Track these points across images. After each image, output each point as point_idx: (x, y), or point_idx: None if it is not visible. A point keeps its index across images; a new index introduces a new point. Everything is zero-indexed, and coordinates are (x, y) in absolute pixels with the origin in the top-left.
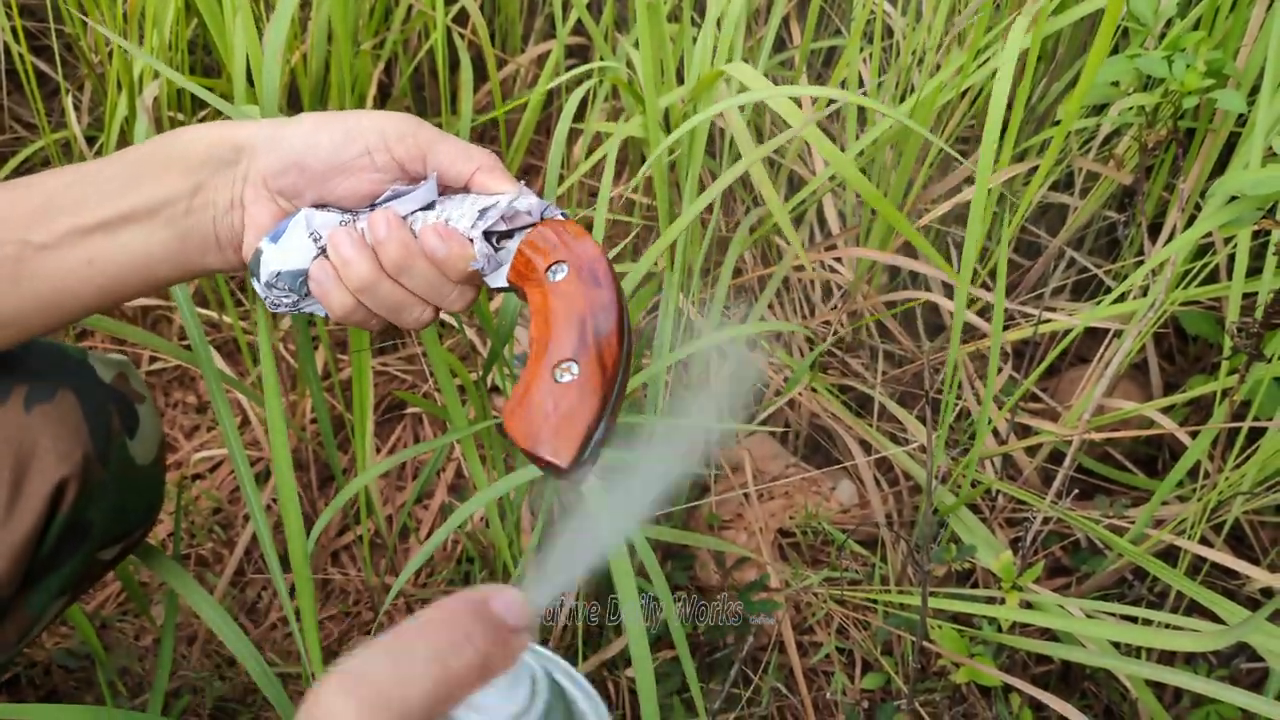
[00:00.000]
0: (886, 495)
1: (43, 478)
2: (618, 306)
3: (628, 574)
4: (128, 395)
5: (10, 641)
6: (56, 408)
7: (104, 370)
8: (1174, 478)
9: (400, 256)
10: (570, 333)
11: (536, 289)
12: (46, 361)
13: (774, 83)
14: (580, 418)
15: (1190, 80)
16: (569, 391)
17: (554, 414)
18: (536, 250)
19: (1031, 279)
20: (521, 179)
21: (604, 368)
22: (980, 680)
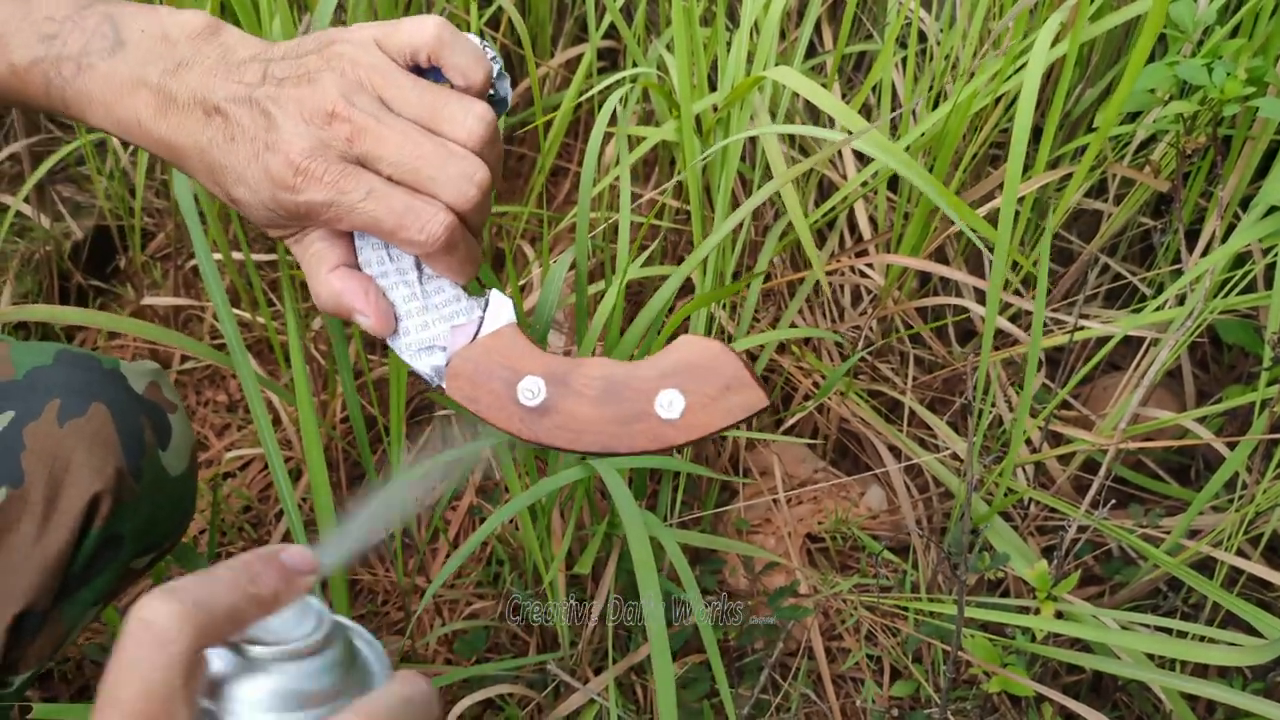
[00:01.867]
0: (916, 501)
1: (76, 493)
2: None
3: (651, 571)
4: (160, 404)
5: (45, 654)
6: (89, 422)
7: (136, 380)
8: (1211, 489)
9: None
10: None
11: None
12: (79, 374)
13: None
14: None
15: (1231, 88)
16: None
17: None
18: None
19: (1065, 285)
20: (549, 181)
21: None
22: (1012, 690)
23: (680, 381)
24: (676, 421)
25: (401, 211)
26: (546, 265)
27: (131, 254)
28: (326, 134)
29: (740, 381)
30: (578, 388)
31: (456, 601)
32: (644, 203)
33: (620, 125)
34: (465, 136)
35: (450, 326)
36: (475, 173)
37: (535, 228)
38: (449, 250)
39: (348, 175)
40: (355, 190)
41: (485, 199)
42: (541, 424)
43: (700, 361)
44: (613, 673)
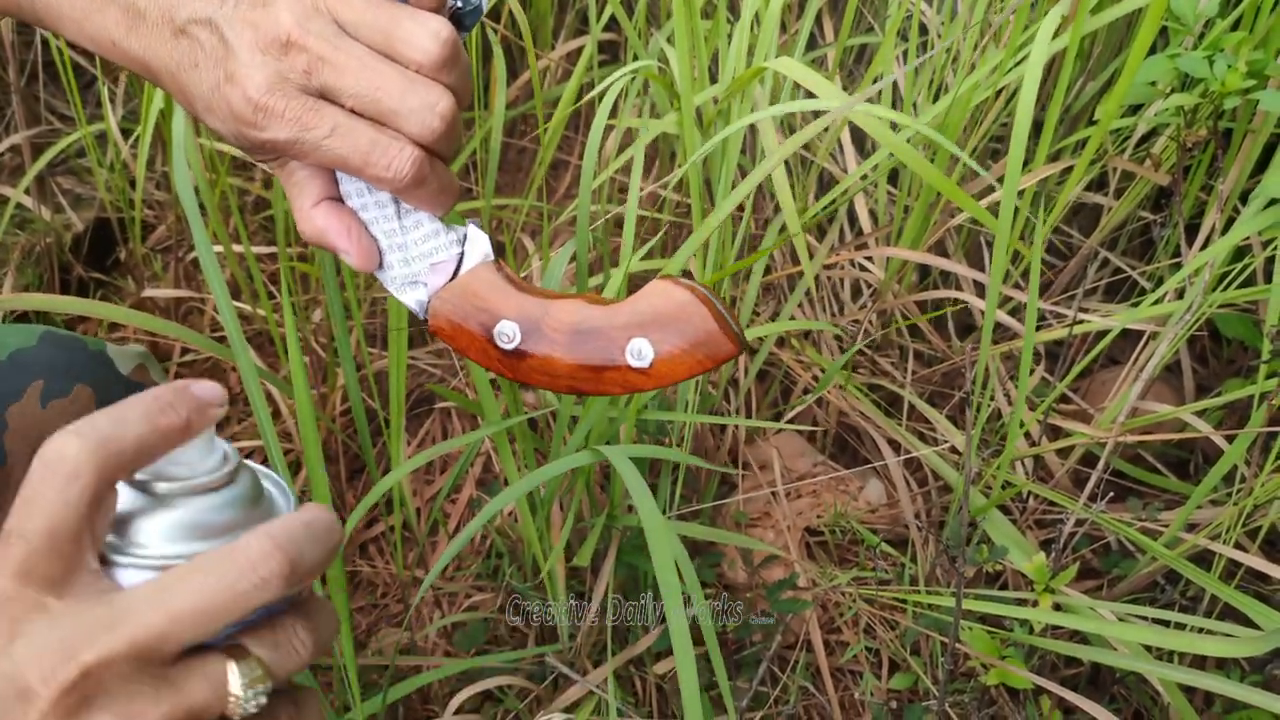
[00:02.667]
0: (915, 495)
1: None
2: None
3: (670, 569)
4: (146, 387)
5: None
6: (73, 403)
7: (123, 363)
8: (1210, 482)
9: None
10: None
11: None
12: (63, 356)
13: None
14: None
15: (1231, 80)
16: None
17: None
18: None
19: (1065, 279)
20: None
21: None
22: (1011, 682)
23: (649, 331)
24: (646, 370)
25: (367, 148)
26: (546, 258)
27: (132, 246)
28: (283, 65)
29: (709, 333)
30: (550, 334)
31: (456, 594)
32: (645, 196)
33: (621, 117)
34: (422, 59)
35: (430, 264)
36: (437, 102)
37: (535, 220)
38: (419, 184)
39: (310, 110)
40: (319, 127)
41: (451, 128)
42: (519, 366)
43: (669, 311)
44: (612, 665)
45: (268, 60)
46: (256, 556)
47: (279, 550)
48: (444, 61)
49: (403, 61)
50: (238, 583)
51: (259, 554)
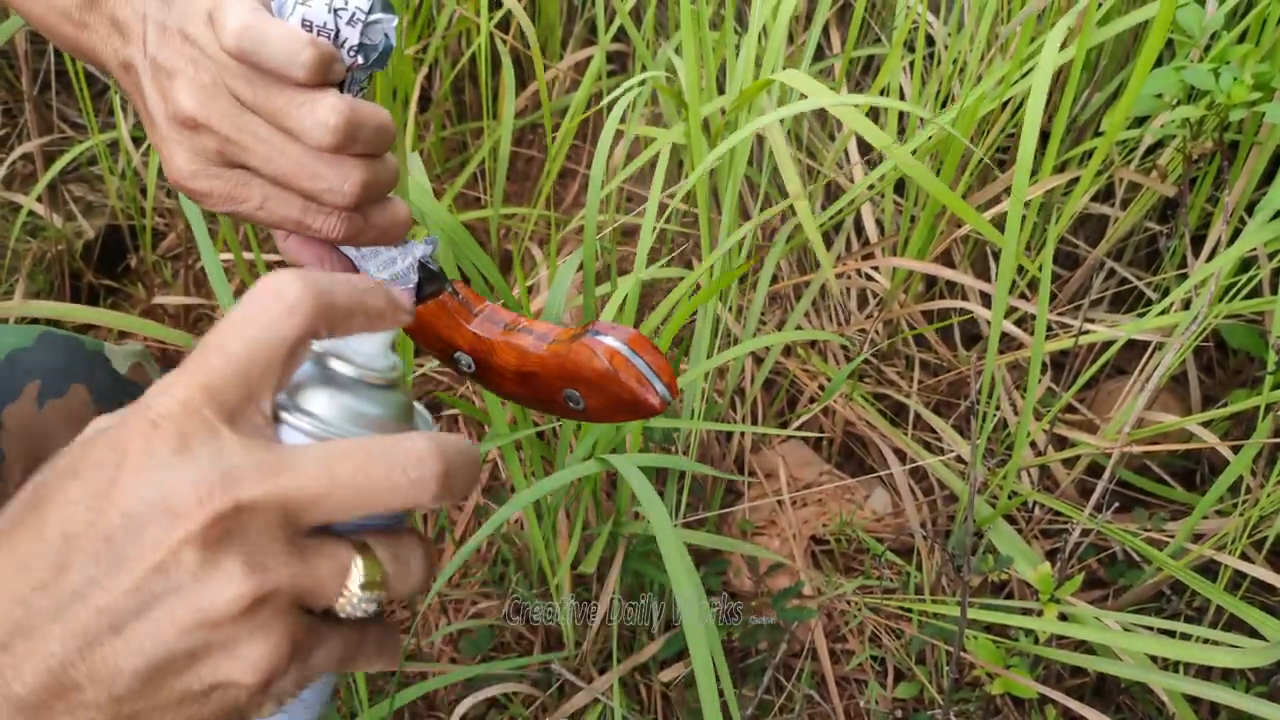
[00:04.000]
0: (921, 504)
1: None
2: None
3: (684, 577)
4: (144, 387)
5: None
6: (69, 403)
7: (120, 362)
8: (1216, 492)
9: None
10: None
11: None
12: (60, 356)
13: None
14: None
15: (1237, 93)
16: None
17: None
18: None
19: (1071, 290)
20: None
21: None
22: (1016, 691)
23: (579, 388)
24: (585, 413)
25: (298, 215)
26: (554, 267)
27: (142, 253)
28: (197, 144)
29: (626, 400)
30: (498, 369)
31: (462, 601)
32: (647, 209)
33: (630, 127)
34: (319, 146)
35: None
36: (345, 179)
37: (543, 229)
38: (355, 237)
39: (238, 185)
40: (249, 200)
41: (368, 190)
42: (483, 382)
43: (593, 378)
44: (617, 672)
45: (183, 137)
46: (420, 454)
47: (440, 456)
48: (340, 144)
49: (304, 141)
50: (396, 473)
51: (422, 453)
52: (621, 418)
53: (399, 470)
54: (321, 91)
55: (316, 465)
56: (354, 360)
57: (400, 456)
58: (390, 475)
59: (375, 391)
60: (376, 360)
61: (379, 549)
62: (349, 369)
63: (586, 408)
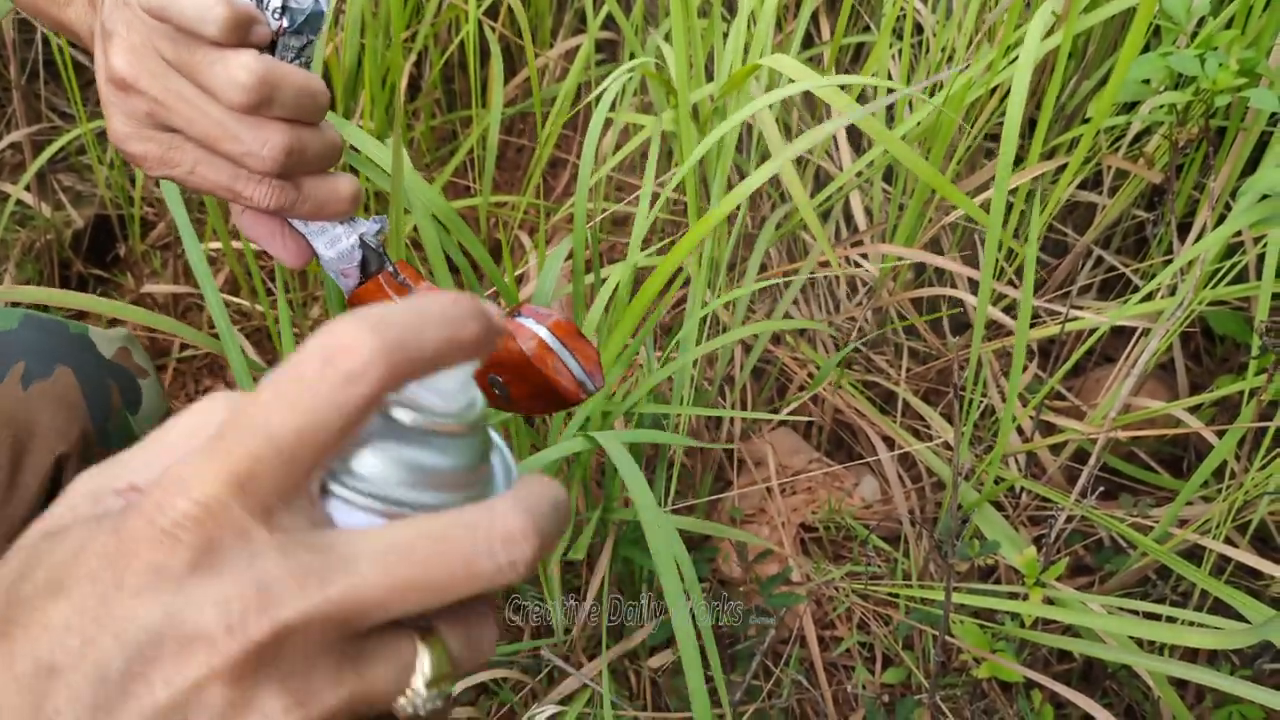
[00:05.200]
0: (909, 491)
1: (41, 456)
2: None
3: (668, 557)
4: (130, 370)
5: None
6: (54, 385)
7: (105, 345)
8: (1199, 477)
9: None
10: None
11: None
12: (45, 339)
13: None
14: None
15: (1223, 79)
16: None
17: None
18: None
19: (1058, 277)
20: (548, 172)
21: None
22: (1002, 676)
23: (503, 374)
24: (508, 398)
25: (229, 181)
26: (543, 256)
27: (131, 243)
28: (129, 105)
29: (550, 389)
30: None
31: None
32: (641, 194)
33: (619, 114)
34: (235, 106)
35: (339, 269)
36: (265, 142)
37: (533, 218)
38: (288, 207)
39: (170, 149)
40: (181, 165)
41: (290, 154)
42: None
43: (516, 364)
44: (606, 658)
45: (117, 99)
46: (510, 534)
47: (535, 531)
48: (254, 104)
49: (223, 104)
50: (480, 561)
51: (513, 531)
52: (543, 407)
53: (484, 557)
54: (236, 51)
55: (376, 564)
56: (425, 406)
57: (484, 541)
58: (471, 565)
59: (450, 441)
60: (453, 401)
61: (449, 634)
62: (418, 417)
63: (510, 396)
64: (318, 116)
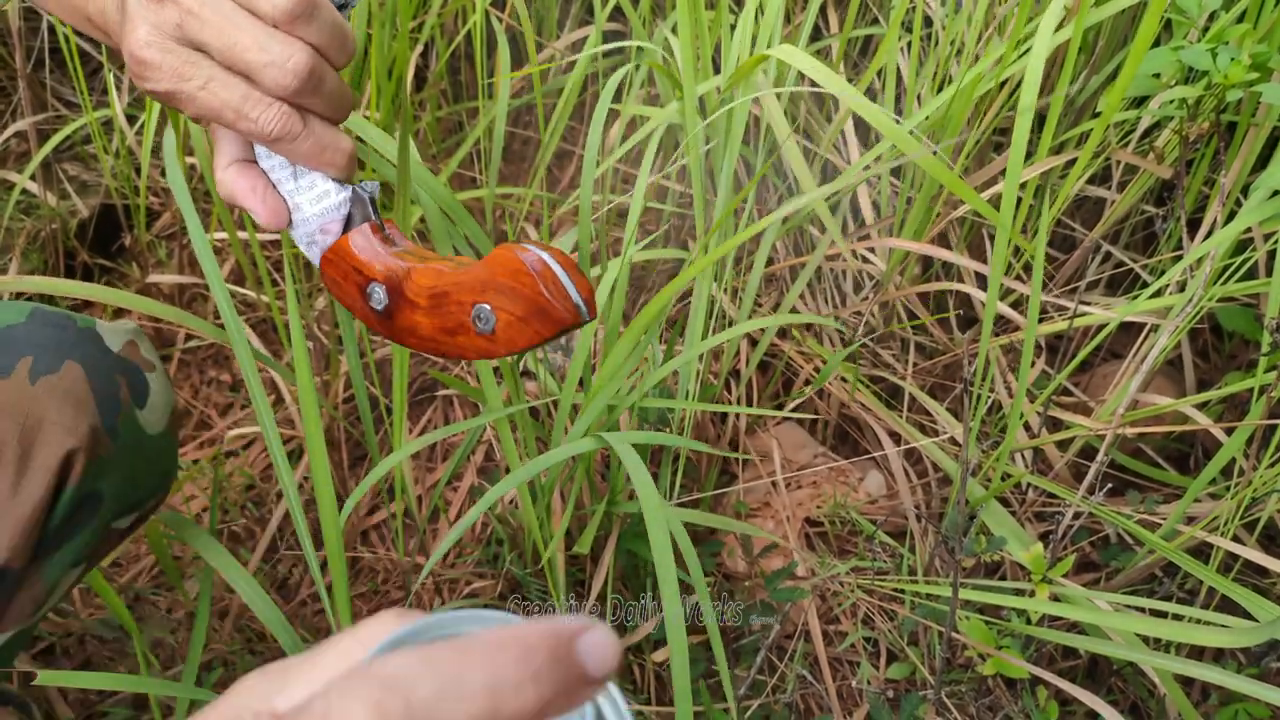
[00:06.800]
0: (915, 486)
1: (49, 450)
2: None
3: (666, 550)
4: (137, 364)
5: (26, 612)
6: (62, 380)
7: (113, 339)
8: (1208, 474)
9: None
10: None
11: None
12: (52, 333)
13: None
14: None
15: (1234, 73)
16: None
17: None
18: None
19: (1067, 272)
20: (554, 164)
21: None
22: (1007, 672)
23: (491, 298)
24: (491, 335)
25: (238, 102)
26: None
27: (137, 232)
28: (159, 17)
29: (538, 305)
30: (411, 297)
31: (456, 581)
32: (647, 186)
33: (625, 105)
34: (272, 10)
35: (320, 225)
36: (290, 57)
37: (539, 210)
38: (289, 139)
39: (187, 63)
40: (194, 79)
41: (307, 83)
42: (391, 326)
43: (505, 279)
44: None
45: (149, 9)
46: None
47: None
48: (295, 13)
49: (259, 15)
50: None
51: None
52: (533, 331)
53: None
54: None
55: None
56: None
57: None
58: None
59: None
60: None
61: None
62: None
63: (496, 324)
64: (342, 59)
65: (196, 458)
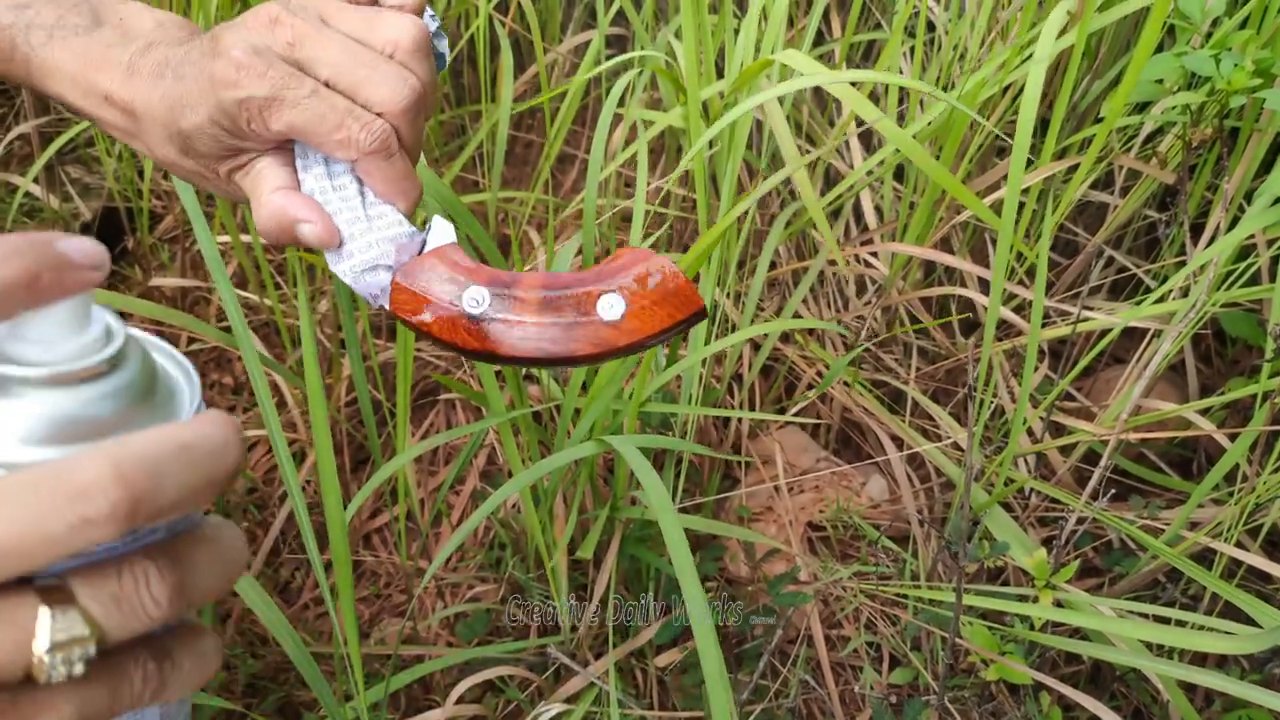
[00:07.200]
0: (917, 491)
1: None
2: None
3: (689, 566)
4: None
5: None
6: None
7: None
8: (1212, 480)
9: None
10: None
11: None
12: None
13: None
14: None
15: (1237, 79)
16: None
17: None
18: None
19: (1069, 277)
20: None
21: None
22: (1011, 678)
23: (620, 286)
24: (618, 323)
25: (342, 113)
26: (551, 252)
27: (139, 235)
28: (268, 38)
29: (678, 287)
30: (521, 295)
31: (459, 585)
32: (650, 190)
33: (629, 110)
34: (397, 40)
35: (395, 246)
36: (409, 77)
37: (541, 214)
38: (388, 155)
39: (290, 75)
40: (300, 87)
41: (418, 107)
42: (486, 331)
43: (638, 269)
44: (613, 657)
45: (253, 35)
46: (83, 486)
47: (119, 482)
48: (416, 48)
49: (377, 48)
50: (49, 519)
51: (87, 483)
52: (664, 318)
53: (53, 515)
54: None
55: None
56: (24, 356)
57: (56, 494)
58: (43, 524)
59: (75, 388)
60: (60, 345)
61: (83, 592)
62: (14, 369)
63: (625, 312)
64: (432, 110)
65: None
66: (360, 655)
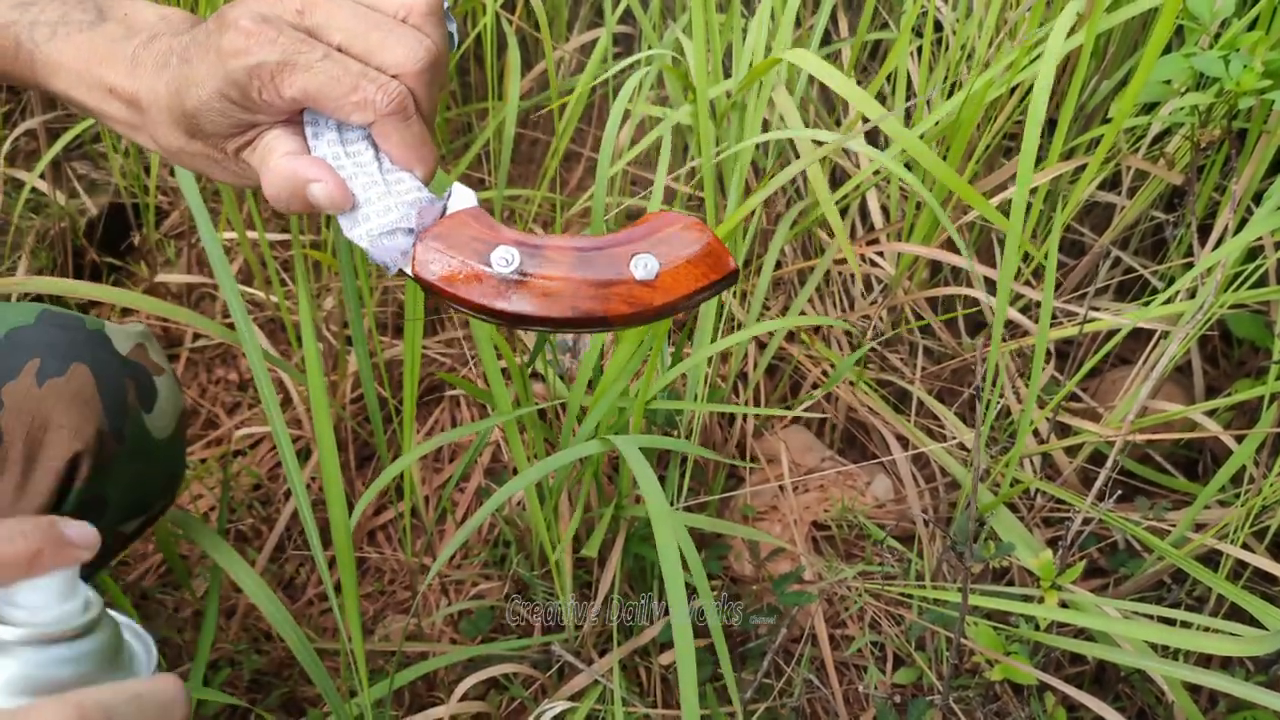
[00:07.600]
0: (923, 491)
1: (55, 453)
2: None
3: (673, 555)
4: (146, 367)
5: None
6: (69, 383)
7: (122, 342)
8: (1218, 481)
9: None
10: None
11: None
12: (61, 335)
13: None
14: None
15: (1246, 80)
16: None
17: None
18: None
19: (1076, 278)
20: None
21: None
22: (1015, 678)
23: (653, 246)
24: (652, 282)
25: (357, 73)
26: None
27: (145, 231)
28: (278, 7)
29: (709, 247)
30: (552, 255)
31: (463, 582)
32: (654, 189)
33: (637, 106)
34: (410, 2)
35: (415, 210)
36: (424, 39)
37: (548, 212)
38: (405, 117)
39: (301, 39)
40: (311, 51)
41: (434, 70)
42: (515, 292)
43: (671, 229)
44: (617, 655)
45: (261, 5)
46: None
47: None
48: (430, 11)
49: (390, 12)
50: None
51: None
52: (698, 277)
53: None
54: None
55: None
56: (14, 618)
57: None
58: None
59: (55, 648)
60: (46, 610)
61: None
62: (12, 631)
63: (659, 271)
64: (442, 84)
65: (204, 457)
66: (364, 652)
